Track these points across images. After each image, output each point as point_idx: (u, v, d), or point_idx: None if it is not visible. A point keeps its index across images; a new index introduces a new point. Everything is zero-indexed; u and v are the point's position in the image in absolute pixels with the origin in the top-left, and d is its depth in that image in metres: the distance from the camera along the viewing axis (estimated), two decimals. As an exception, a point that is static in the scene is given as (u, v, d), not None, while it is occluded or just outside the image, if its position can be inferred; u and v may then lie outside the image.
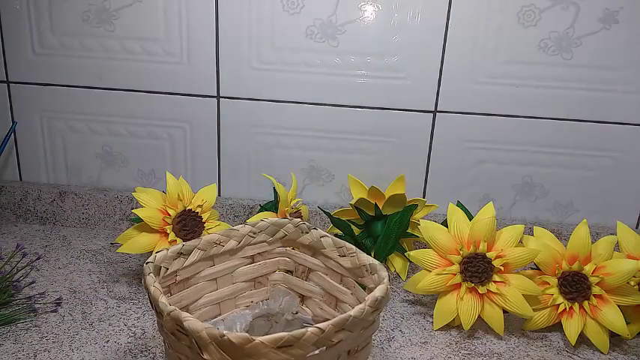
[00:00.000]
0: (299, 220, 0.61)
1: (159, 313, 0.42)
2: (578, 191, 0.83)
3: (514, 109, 0.79)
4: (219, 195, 0.88)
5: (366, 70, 0.79)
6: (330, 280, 0.57)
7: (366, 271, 0.52)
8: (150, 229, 0.67)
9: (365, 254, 0.53)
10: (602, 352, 0.61)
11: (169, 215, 0.68)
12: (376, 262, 0.51)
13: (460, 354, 0.59)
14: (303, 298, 0.61)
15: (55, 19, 0.80)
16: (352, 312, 0.41)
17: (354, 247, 0.54)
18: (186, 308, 0.55)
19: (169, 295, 0.53)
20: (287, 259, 0.62)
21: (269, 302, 0.60)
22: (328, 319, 0.40)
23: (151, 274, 0.46)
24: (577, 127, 0.80)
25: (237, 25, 0.79)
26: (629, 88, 0.77)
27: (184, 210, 0.69)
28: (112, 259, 0.77)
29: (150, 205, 0.68)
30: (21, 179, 0.89)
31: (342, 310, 0.56)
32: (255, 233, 0.59)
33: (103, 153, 0.87)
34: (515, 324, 0.66)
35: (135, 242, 0.66)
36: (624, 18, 0.74)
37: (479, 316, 0.62)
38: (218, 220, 0.73)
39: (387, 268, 0.77)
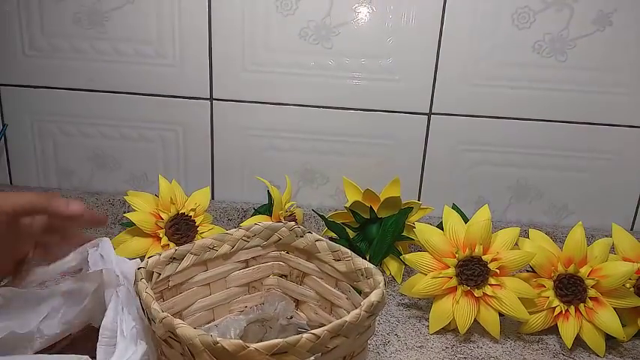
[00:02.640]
0: (293, 223, 0.60)
1: (151, 319, 0.41)
2: (573, 193, 0.83)
3: (509, 111, 0.79)
4: (212, 198, 0.87)
5: (361, 72, 0.79)
6: (325, 285, 0.57)
7: (362, 275, 0.51)
8: (142, 234, 0.66)
9: (360, 258, 0.52)
10: (598, 355, 0.61)
11: (162, 219, 0.67)
12: (371, 266, 0.50)
13: (456, 358, 0.59)
14: (297, 303, 0.60)
15: (46, 21, 0.79)
16: (348, 317, 0.41)
17: (349, 250, 0.53)
18: (179, 314, 0.55)
19: (162, 300, 0.53)
20: (281, 263, 0.61)
21: (263, 307, 0.59)
22: (323, 324, 0.39)
23: (143, 280, 0.45)
24: (571, 128, 0.80)
25: (230, 26, 0.78)
26: (622, 90, 0.77)
27: (177, 214, 0.68)
28: (103, 263, 0.76)
29: (142, 208, 0.67)
30: (11, 183, 0.88)
31: (337, 314, 0.56)
32: (249, 237, 0.59)
33: (94, 156, 0.86)
34: (511, 327, 0.65)
35: (127, 246, 0.66)
36: (618, 20, 0.74)
37: (475, 320, 0.62)
38: (211, 223, 0.73)
39: (383, 272, 0.77)
